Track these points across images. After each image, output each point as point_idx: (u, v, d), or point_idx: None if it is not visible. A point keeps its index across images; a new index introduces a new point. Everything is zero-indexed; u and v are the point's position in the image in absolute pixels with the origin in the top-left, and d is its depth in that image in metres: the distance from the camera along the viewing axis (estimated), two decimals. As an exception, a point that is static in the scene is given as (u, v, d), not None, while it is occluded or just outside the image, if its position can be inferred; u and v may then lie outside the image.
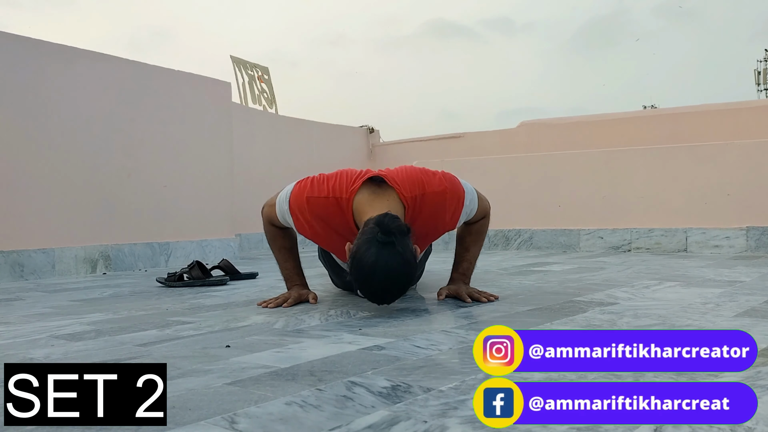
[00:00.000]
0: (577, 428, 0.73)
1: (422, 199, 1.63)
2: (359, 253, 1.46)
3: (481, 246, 1.86)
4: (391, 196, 1.60)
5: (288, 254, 1.84)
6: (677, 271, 2.47)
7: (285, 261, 1.84)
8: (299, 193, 1.68)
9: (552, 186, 3.89)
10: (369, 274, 1.45)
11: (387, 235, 1.45)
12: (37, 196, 2.76)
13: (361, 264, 1.46)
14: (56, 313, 1.72)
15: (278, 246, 1.83)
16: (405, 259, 1.46)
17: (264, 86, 5.09)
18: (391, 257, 1.44)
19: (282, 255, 1.84)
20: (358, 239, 1.49)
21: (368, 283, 1.48)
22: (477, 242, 1.84)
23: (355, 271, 1.48)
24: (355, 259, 1.47)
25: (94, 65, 2.99)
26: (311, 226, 1.67)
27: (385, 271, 1.44)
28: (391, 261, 1.44)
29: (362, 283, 1.50)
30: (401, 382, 0.93)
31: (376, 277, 1.45)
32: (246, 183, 4.12)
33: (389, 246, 1.44)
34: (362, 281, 1.49)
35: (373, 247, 1.44)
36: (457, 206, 1.69)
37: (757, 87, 28.38)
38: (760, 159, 3.35)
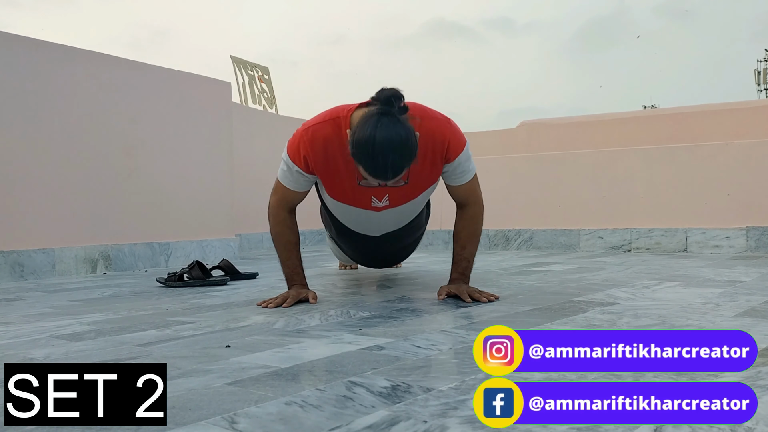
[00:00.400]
0: (578, 428, 0.73)
1: (423, 119, 1.63)
2: (358, 128, 1.47)
3: (477, 243, 1.85)
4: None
5: (292, 250, 1.83)
6: (677, 271, 2.47)
7: (288, 258, 1.83)
8: (295, 136, 1.73)
9: (552, 186, 3.89)
10: (369, 142, 1.44)
11: (387, 104, 1.46)
12: (37, 196, 2.76)
13: (360, 136, 1.46)
14: (56, 313, 1.72)
15: (284, 241, 1.83)
16: (405, 126, 1.46)
17: (264, 86, 5.09)
18: (390, 124, 1.44)
19: (286, 251, 1.83)
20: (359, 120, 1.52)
21: (369, 153, 1.46)
22: (473, 240, 1.84)
23: (355, 145, 1.48)
24: (355, 136, 1.48)
25: (94, 65, 2.99)
26: (315, 154, 1.68)
27: (385, 138, 1.43)
28: (390, 127, 1.44)
29: (363, 155, 1.48)
30: (401, 382, 0.93)
31: (376, 145, 1.44)
32: (246, 183, 4.12)
33: (388, 116, 1.45)
34: (362, 153, 1.47)
35: (373, 117, 1.46)
36: (457, 144, 1.71)
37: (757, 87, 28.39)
38: (760, 159, 3.35)
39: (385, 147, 1.44)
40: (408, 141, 1.47)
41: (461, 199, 1.83)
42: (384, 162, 1.47)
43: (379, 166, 1.48)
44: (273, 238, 1.85)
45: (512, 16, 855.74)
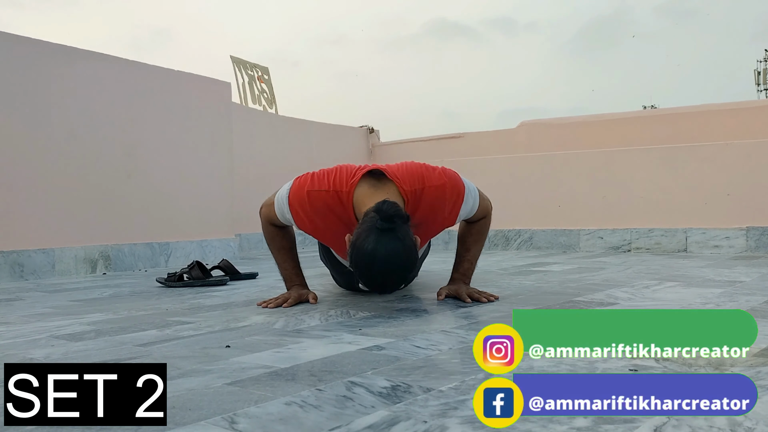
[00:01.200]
0: (577, 428, 0.73)
1: (422, 192, 1.63)
2: (359, 241, 1.46)
3: (482, 246, 1.86)
4: (391, 189, 1.60)
5: (287, 254, 1.84)
6: (677, 271, 2.47)
7: (284, 261, 1.84)
8: (299, 188, 1.68)
9: (552, 186, 3.89)
10: (369, 261, 1.44)
11: (387, 221, 1.45)
12: (37, 196, 2.76)
13: (360, 251, 1.45)
14: (56, 313, 1.72)
15: (277, 246, 1.83)
16: (405, 245, 1.45)
17: (264, 86, 5.09)
18: (390, 243, 1.43)
19: (281, 255, 1.84)
20: (358, 228, 1.49)
21: (368, 270, 1.46)
22: (478, 242, 1.84)
23: (355, 258, 1.47)
24: (355, 247, 1.47)
25: (94, 65, 2.99)
26: (312, 220, 1.67)
27: (384, 258, 1.42)
28: (390, 247, 1.43)
29: (362, 271, 1.48)
30: (401, 382, 0.93)
31: (375, 264, 1.43)
32: (246, 183, 4.12)
33: (389, 232, 1.44)
34: (362, 269, 1.47)
35: (372, 234, 1.44)
36: (456, 201, 1.69)
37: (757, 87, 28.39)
38: (760, 159, 3.35)
39: (384, 268, 1.44)
40: (407, 260, 1.47)
41: (476, 218, 1.83)
42: (383, 282, 1.49)
43: (378, 285, 1.51)
44: (267, 242, 1.85)
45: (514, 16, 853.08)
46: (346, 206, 1.61)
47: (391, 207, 1.47)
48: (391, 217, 1.45)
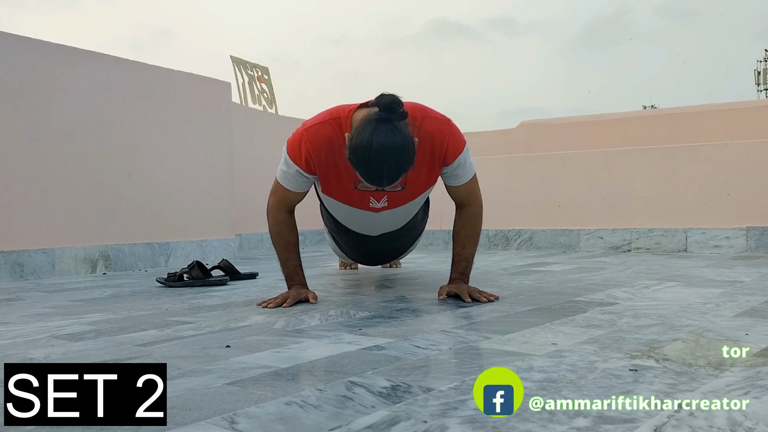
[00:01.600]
0: (577, 428, 0.73)
1: (422, 120, 1.64)
2: (356, 133, 1.48)
3: (476, 243, 1.85)
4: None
5: (292, 250, 1.83)
6: (677, 271, 2.47)
7: (288, 259, 1.83)
8: (295, 135, 1.72)
9: (552, 186, 3.89)
10: (365, 148, 1.44)
11: (385, 110, 1.47)
12: (37, 196, 2.76)
13: (358, 142, 1.46)
14: (56, 313, 1.72)
15: (283, 242, 1.83)
16: (403, 134, 1.46)
17: (264, 86, 5.09)
18: (388, 131, 1.44)
19: (286, 251, 1.83)
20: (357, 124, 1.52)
21: (365, 159, 1.46)
22: (472, 239, 1.84)
23: (352, 151, 1.48)
24: (352, 140, 1.48)
25: (93, 65, 2.99)
26: (317, 153, 1.68)
27: (382, 144, 1.43)
28: (388, 135, 1.44)
29: (359, 162, 1.48)
30: (401, 382, 0.93)
31: (372, 151, 1.44)
32: (246, 183, 4.12)
33: (387, 122, 1.46)
34: (359, 159, 1.47)
35: (371, 123, 1.46)
36: (456, 147, 1.70)
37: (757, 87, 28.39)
38: (760, 159, 3.35)
39: (381, 154, 1.44)
40: (405, 148, 1.47)
41: (460, 199, 1.83)
42: (380, 169, 1.47)
43: (375, 173, 1.48)
44: (272, 239, 1.85)
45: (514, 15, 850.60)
46: (345, 130, 1.62)
47: (389, 96, 1.50)
48: (390, 105, 1.47)
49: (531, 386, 0.89)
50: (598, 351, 1.10)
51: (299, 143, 1.71)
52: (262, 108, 4.98)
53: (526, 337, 1.24)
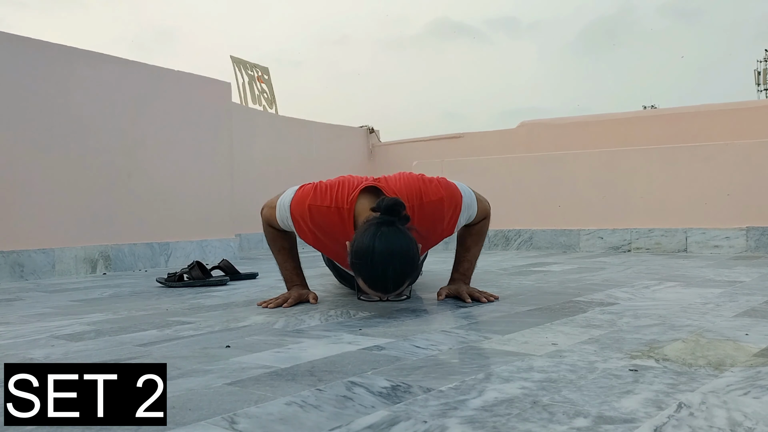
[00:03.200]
0: (577, 428, 0.73)
1: (420, 208, 1.63)
2: (358, 238, 1.44)
3: (481, 246, 1.86)
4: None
5: (288, 255, 1.84)
6: (677, 271, 2.47)
7: (285, 262, 1.84)
8: (301, 200, 1.66)
9: (552, 186, 3.89)
10: (368, 253, 1.40)
11: (387, 212, 1.44)
12: (37, 196, 2.76)
13: (360, 246, 1.42)
14: (56, 313, 1.72)
15: (278, 247, 1.83)
16: (406, 236, 1.43)
17: (264, 86, 5.09)
18: (391, 235, 1.41)
19: (282, 256, 1.84)
20: (359, 229, 1.49)
21: (368, 264, 1.42)
22: (478, 243, 1.84)
23: (355, 255, 1.44)
24: (355, 246, 1.44)
25: (94, 66, 2.99)
26: (313, 233, 1.67)
27: (385, 248, 1.39)
28: (391, 238, 1.40)
29: (362, 266, 1.44)
30: (401, 382, 0.93)
31: (376, 255, 1.39)
32: (246, 183, 4.12)
33: (389, 225, 1.42)
34: (362, 264, 1.43)
35: (372, 227, 1.42)
36: (454, 212, 1.69)
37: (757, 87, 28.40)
38: (760, 159, 3.35)
39: (385, 258, 1.40)
40: (409, 252, 1.43)
41: (476, 221, 1.83)
42: (384, 274, 1.42)
43: (379, 278, 1.44)
44: (268, 242, 1.85)
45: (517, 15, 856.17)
46: (346, 223, 1.61)
47: (391, 200, 1.47)
48: (392, 208, 1.44)
49: (531, 386, 0.89)
50: (598, 351, 1.10)
51: (302, 215, 1.66)
52: (262, 108, 4.98)
53: (526, 337, 1.24)
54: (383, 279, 1.44)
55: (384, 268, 1.41)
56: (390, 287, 1.46)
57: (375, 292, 1.50)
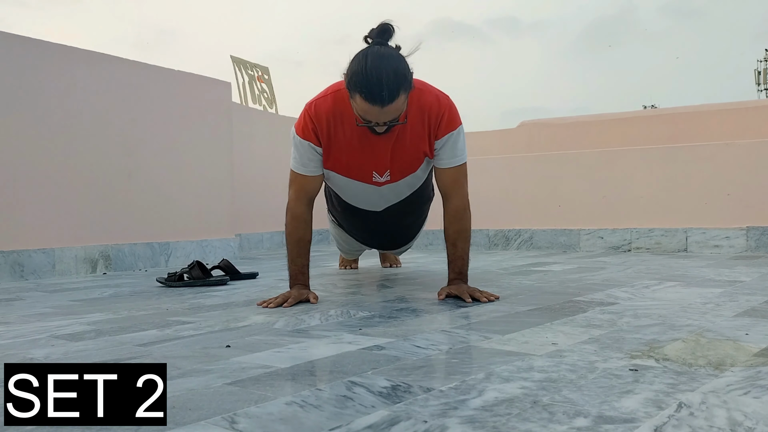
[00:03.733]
0: (577, 428, 0.73)
1: (419, 94, 1.69)
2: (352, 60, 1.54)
3: (467, 240, 1.84)
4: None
5: (303, 249, 1.83)
6: (677, 271, 2.47)
7: (297, 256, 1.83)
8: (300, 115, 1.77)
9: (552, 186, 3.89)
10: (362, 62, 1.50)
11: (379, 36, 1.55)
12: (37, 196, 2.76)
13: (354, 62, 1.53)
14: (56, 313, 1.72)
15: (297, 238, 1.82)
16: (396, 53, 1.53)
17: (264, 86, 5.09)
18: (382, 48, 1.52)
19: (297, 248, 1.82)
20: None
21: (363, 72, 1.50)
22: (462, 237, 1.83)
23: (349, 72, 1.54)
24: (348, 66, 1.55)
25: (94, 65, 2.99)
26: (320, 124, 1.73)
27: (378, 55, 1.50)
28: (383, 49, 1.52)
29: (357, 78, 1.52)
30: (401, 382, 0.93)
31: (369, 62, 1.50)
32: (246, 183, 4.12)
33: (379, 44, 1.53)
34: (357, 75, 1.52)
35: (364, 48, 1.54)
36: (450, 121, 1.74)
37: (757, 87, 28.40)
38: (760, 159, 3.35)
39: (377, 62, 1.50)
40: (400, 64, 1.53)
41: (445, 188, 1.83)
42: (378, 78, 1.49)
43: (374, 84, 1.50)
44: (286, 234, 1.84)
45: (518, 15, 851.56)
46: (347, 101, 1.66)
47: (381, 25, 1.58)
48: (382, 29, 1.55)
49: (531, 386, 0.90)
50: (598, 351, 1.10)
51: (304, 119, 1.76)
52: (262, 108, 4.98)
53: (526, 337, 1.24)
54: (378, 84, 1.50)
55: (378, 73, 1.50)
56: (385, 95, 1.52)
57: (372, 106, 1.55)
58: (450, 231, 1.83)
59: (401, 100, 1.57)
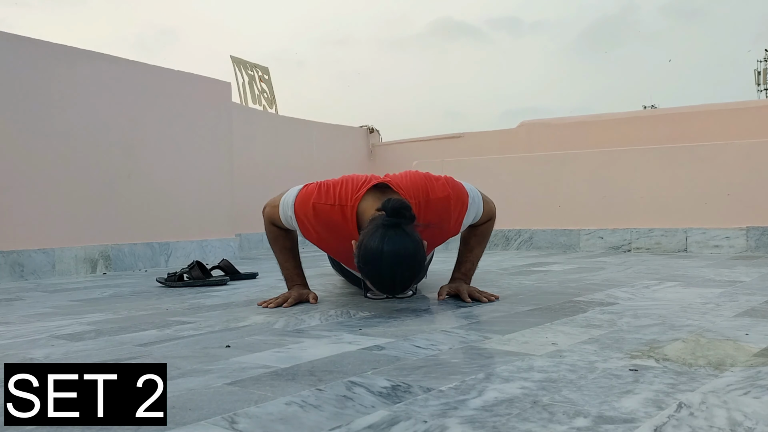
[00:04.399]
0: (577, 428, 0.73)
1: (426, 205, 1.62)
2: (365, 240, 1.44)
3: (484, 247, 1.86)
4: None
5: (289, 254, 1.84)
6: (677, 271, 2.47)
7: (286, 261, 1.84)
8: (305, 199, 1.67)
9: (552, 186, 3.89)
10: (376, 256, 1.41)
11: (393, 215, 1.44)
12: (37, 196, 2.76)
13: (368, 249, 1.42)
14: (56, 313, 1.72)
15: (280, 246, 1.83)
16: (413, 239, 1.43)
17: (264, 86, 5.09)
18: (398, 238, 1.41)
19: (283, 255, 1.84)
20: (365, 229, 1.49)
21: (376, 266, 1.43)
22: (481, 243, 1.84)
23: (363, 258, 1.45)
24: (362, 248, 1.45)
25: (94, 65, 2.99)
26: (317, 231, 1.68)
27: (393, 252, 1.40)
28: (398, 240, 1.41)
29: (370, 269, 1.45)
30: (401, 382, 0.93)
31: (384, 259, 1.40)
32: (246, 183, 4.12)
33: (395, 228, 1.42)
34: (370, 266, 1.44)
35: (379, 230, 1.43)
36: (461, 212, 1.69)
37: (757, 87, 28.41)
38: (760, 159, 3.35)
39: (394, 261, 1.41)
40: (416, 255, 1.44)
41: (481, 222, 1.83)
42: (392, 278, 1.44)
43: (387, 282, 1.46)
44: (269, 241, 1.85)
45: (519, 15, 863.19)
46: (349, 220, 1.61)
47: (396, 201, 1.47)
48: (398, 210, 1.44)
49: (531, 386, 0.89)
50: (598, 351, 1.10)
51: (306, 214, 1.67)
52: (262, 108, 4.97)
53: (526, 337, 1.24)
54: (391, 283, 1.46)
55: (392, 272, 1.43)
56: (398, 290, 1.49)
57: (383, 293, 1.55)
58: (471, 239, 1.83)
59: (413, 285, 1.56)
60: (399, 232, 1.43)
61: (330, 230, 1.66)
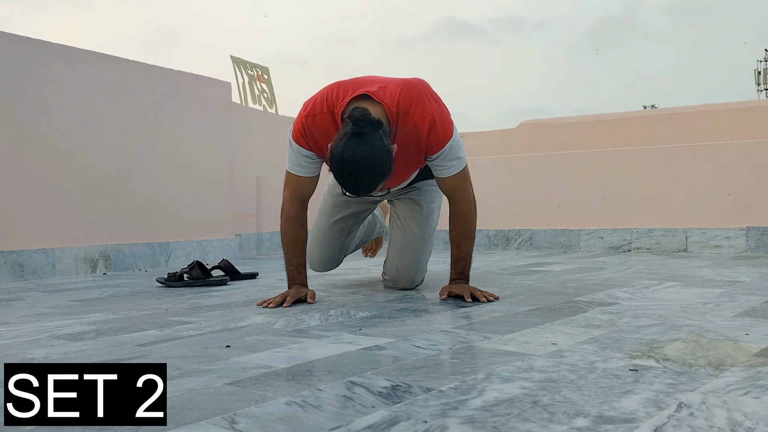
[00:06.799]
0: (577, 428, 0.73)
1: (405, 116, 1.67)
2: (331, 147, 1.56)
3: (472, 241, 1.84)
4: (378, 109, 1.64)
5: (299, 248, 1.83)
6: (677, 271, 2.47)
7: (293, 257, 1.83)
8: (298, 121, 1.77)
9: (552, 186, 3.89)
10: (338, 163, 1.53)
11: (355, 125, 1.52)
12: (37, 196, 2.76)
13: (332, 156, 1.54)
14: (56, 313, 1.72)
15: (292, 237, 1.83)
16: (374, 147, 1.52)
17: (264, 86, 5.09)
18: (358, 145, 1.51)
19: (292, 247, 1.83)
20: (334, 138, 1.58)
21: (338, 172, 1.54)
22: (466, 238, 1.83)
23: (330, 165, 1.58)
24: (330, 153, 1.56)
25: (94, 65, 2.99)
26: (315, 139, 1.74)
27: (351, 159, 1.50)
28: (358, 149, 1.51)
29: (335, 175, 1.57)
30: (401, 382, 0.93)
31: (344, 165, 1.52)
32: (246, 183, 4.12)
33: (358, 136, 1.52)
34: (334, 172, 1.57)
35: (343, 138, 1.53)
36: (437, 140, 1.71)
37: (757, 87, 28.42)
38: (760, 159, 3.35)
39: (352, 168, 1.52)
40: (377, 161, 1.52)
41: (448, 194, 1.83)
42: (353, 181, 1.54)
43: (350, 186, 1.56)
44: (281, 235, 1.84)
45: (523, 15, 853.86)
46: (339, 125, 1.67)
47: (359, 111, 1.55)
48: (358, 120, 1.53)
49: (531, 386, 0.90)
50: (598, 351, 1.10)
51: (299, 127, 1.76)
52: (262, 108, 4.97)
53: (526, 337, 1.24)
54: (354, 186, 1.56)
55: (353, 177, 1.54)
56: (362, 193, 1.59)
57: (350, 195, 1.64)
58: (454, 233, 1.83)
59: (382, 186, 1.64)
60: (361, 140, 1.52)
61: (326, 138, 1.71)
